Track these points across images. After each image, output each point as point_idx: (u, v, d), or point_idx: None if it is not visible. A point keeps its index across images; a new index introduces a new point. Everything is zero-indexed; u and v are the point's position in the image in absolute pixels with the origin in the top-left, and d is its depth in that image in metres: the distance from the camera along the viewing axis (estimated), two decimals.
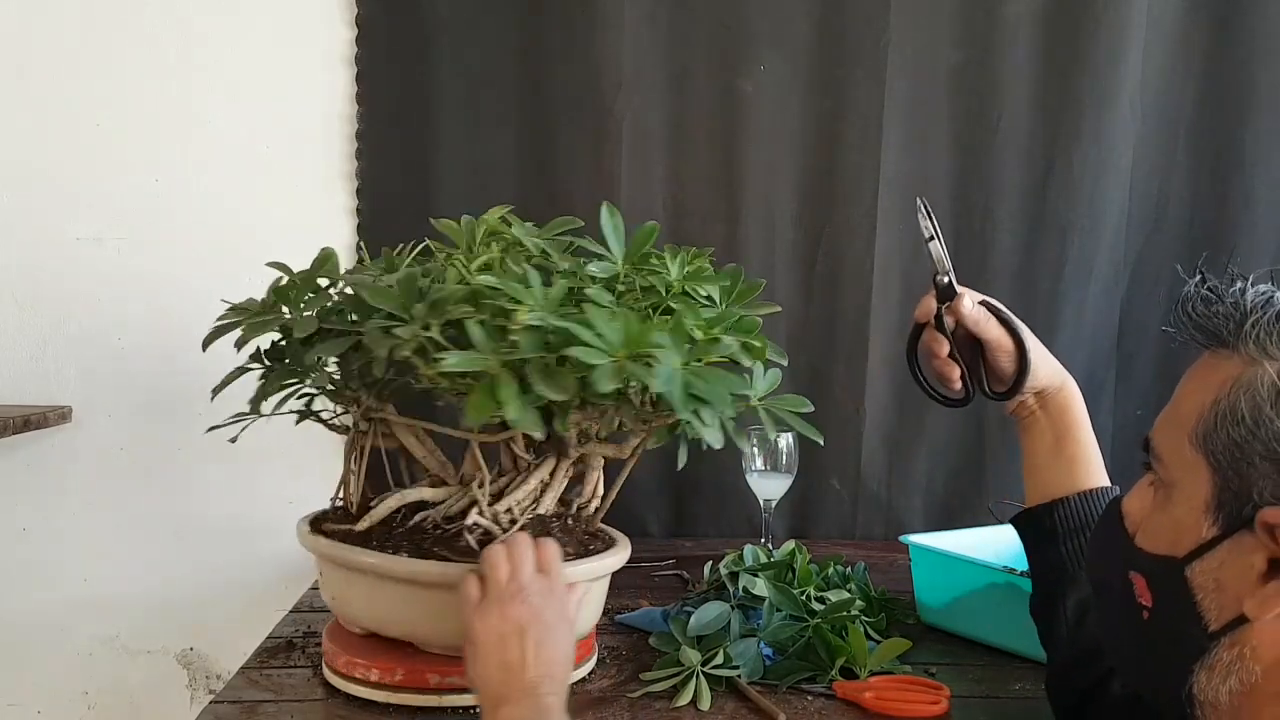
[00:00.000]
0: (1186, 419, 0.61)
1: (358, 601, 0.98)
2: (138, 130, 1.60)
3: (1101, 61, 1.61)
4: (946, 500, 1.70)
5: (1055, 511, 0.93)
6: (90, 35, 1.59)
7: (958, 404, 1.00)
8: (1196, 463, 0.59)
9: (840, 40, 1.62)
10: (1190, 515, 0.59)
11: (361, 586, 0.96)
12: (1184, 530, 0.60)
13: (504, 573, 0.86)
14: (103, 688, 1.66)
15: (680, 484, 1.67)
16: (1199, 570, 0.59)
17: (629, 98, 1.60)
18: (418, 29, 1.59)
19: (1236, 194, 1.65)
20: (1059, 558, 0.92)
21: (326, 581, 1.01)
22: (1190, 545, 0.59)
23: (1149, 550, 0.62)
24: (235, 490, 1.59)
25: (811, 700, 0.99)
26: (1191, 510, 0.59)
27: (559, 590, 0.88)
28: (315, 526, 1.01)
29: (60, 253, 1.60)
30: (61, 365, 1.61)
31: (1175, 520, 0.60)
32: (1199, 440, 0.59)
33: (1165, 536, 0.61)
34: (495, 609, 0.84)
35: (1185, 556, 0.59)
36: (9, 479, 1.62)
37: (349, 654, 0.98)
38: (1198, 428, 0.59)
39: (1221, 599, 0.58)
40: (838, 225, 1.65)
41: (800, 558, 1.22)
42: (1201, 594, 0.58)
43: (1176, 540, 0.60)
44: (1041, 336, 1.75)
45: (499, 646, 0.82)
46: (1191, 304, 0.62)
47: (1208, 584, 0.58)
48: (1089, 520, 0.91)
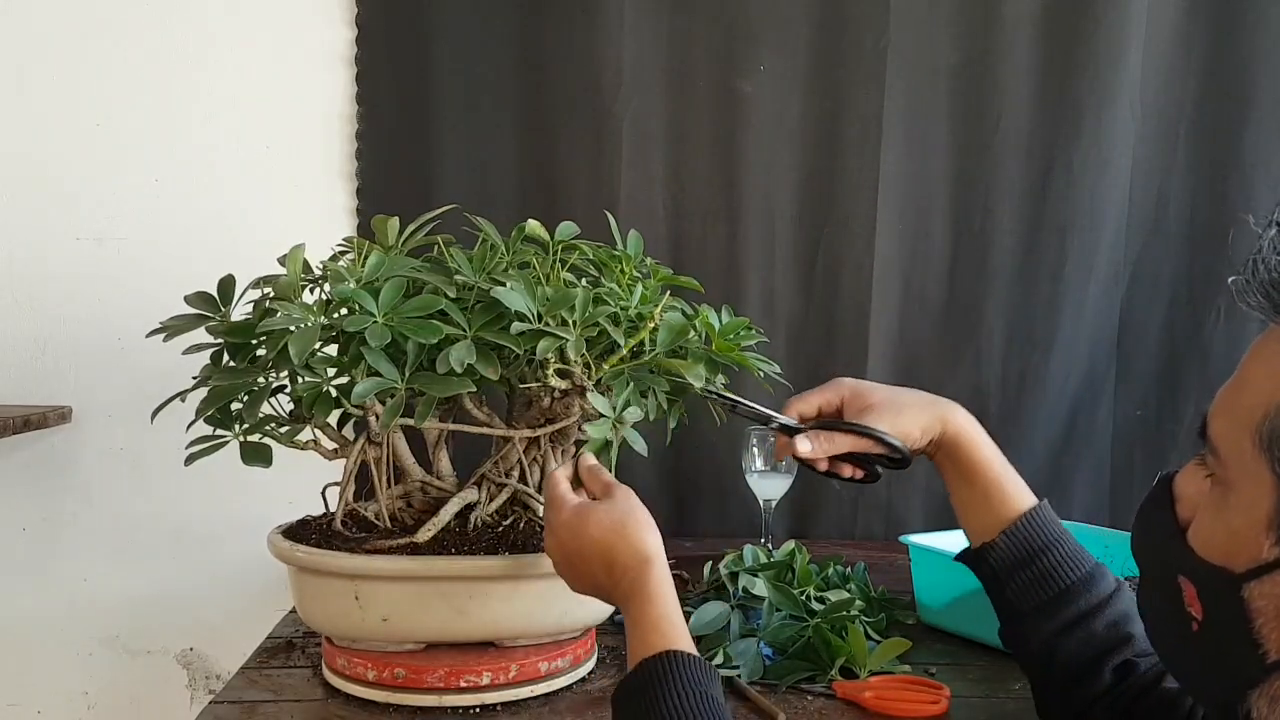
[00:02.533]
0: (1250, 410, 0.52)
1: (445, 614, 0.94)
2: (138, 130, 1.60)
3: (1101, 61, 1.61)
4: (946, 500, 1.67)
5: (988, 557, 0.87)
6: (90, 36, 1.59)
7: (872, 481, 0.97)
8: (1259, 467, 0.51)
9: (840, 40, 1.62)
10: (1249, 528, 0.52)
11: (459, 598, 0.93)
12: (1241, 543, 0.52)
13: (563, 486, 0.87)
14: (103, 688, 1.66)
15: (680, 484, 1.67)
16: (1258, 592, 0.51)
17: (629, 98, 1.60)
18: (418, 29, 1.59)
19: (1236, 194, 1.65)
20: (1006, 600, 0.87)
21: (377, 601, 0.94)
22: (1248, 562, 0.52)
23: (1200, 555, 0.55)
24: (235, 490, 1.59)
25: (811, 700, 0.99)
26: (1251, 523, 0.51)
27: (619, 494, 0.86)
28: (350, 546, 0.95)
29: (60, 253, 1.60)
30: (61, 365, 1.61)
31: (1231, 528, 0.53)
32: (1263, 441, 0.51)
33: (1219, 543, 0.54)
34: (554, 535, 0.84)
35: (1244, 573, 0.52)
36: (9, 479, 1.62)
37: (349, 654, 0.97)
38: (1263, 425, 0.51)
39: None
40: (837, 225, 1.65)
41: (800, 558, 1.22)
42: (1260, 619, 0.51)
43: (1233, 552, 0.53)
44: (1041, 337, 1.75)
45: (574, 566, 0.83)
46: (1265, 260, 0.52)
47: (1268, 609, 0.51)
48: (1023, 554, 0.85)
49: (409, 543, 0.95)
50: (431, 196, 1.58)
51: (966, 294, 1.67)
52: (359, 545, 0.95)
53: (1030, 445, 1.67)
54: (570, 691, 1.00)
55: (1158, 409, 1.69)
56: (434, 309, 0.89)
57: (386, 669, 0.95)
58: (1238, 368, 0.56)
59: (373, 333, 0.86)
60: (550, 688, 0.98)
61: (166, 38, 1.60)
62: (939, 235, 1.66)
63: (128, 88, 1.60)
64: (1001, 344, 1.67)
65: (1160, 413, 1.69)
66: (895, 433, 0.90)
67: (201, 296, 0.99)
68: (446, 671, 0.94)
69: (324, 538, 0.99)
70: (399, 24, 1.59)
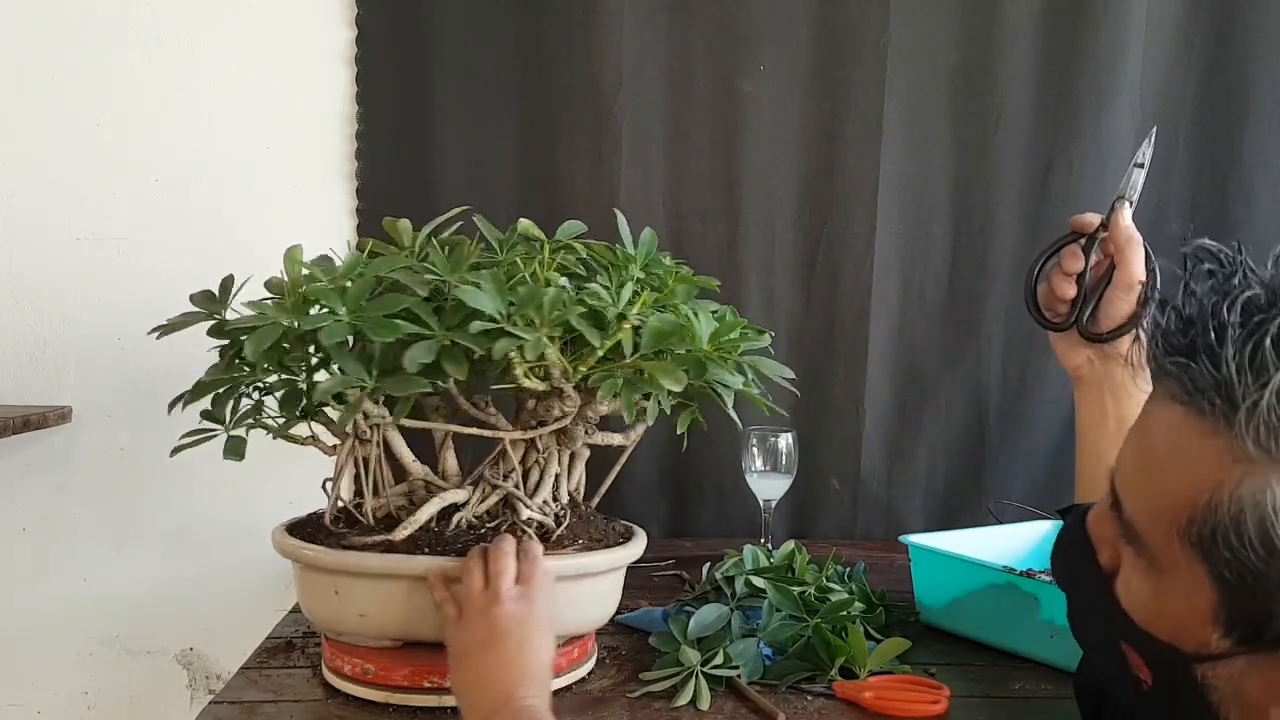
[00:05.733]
0: (1172, 506, 0.50)
1: (401, 611, 0.94)
2: (138, 130, 1.60)
3: (1101, 61, 1.61)
4: (946, 500, 1.70)
5: None
6: (90, 35, 1.59)
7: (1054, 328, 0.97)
8: (1192, 565, 0.50)
9: (840, 40, 1.62)
10: (1189, 615, 0.51)
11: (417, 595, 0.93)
12: (1185, 627, 0.51)
13: (478, 582, 0.86)
14: (103, 688, 1.66)
15: (680, 484, 1.67)
16: (1212, 674, 0.51)
17: (629, 98, 1.60)
18: (418, 29, 1.59)
19: (1236, 194, 1.65)
20: None
21: (355, 597, 0.94)
22: (1197, 647, 0.51)
23: (1141, 626, 0.53)
24: (235, 490, 1.59)
25: (811, 700, 0.99)
26: (1191, 611, 0.50)
27: (537, 594, 0.86)
28: (330, 542, 0.96)
29: (60, 253, 1.60)
30: (61, 365, 1.61)
31: (1170, 611, 0.52)
32: (1192, 543, 0.49)
33: (1162, 622, 0.52)
34: (472, 621, 0.83)
35: (1193, 655, 0.51)
36: (9, 479, 1.62)
37: (348, 654, 0.97)
38: (1189, 529, 0.49)
39: (1244, 704, 0.50)
40: (838, 225, 1.65)
41: (800, 558, 1.22)
42: (1217, 695, 0.51)
43: (1177, 634, 0.51)
44: (1041, 337, 1.74)
45: (477, 657, 0.82)
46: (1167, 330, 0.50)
47: (1226, 689, 0.51)
48: None
49: (384, 540, 0.95)
50: (431, 196, 1.58)
51: (966, 294, 1.66)
52: (336, 541, 0.96)
53: (1030, 445, 1.67)
54: (570, 692, 1.00)
55: None
56: (398, 308, 0.88)
57: (387, 669, 0.95)
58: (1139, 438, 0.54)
59: (329, 331, 0.86)
60: None
61: (166, 37, 1.60)
62: (939, 235, 1.66)
63: (128, 88, 1.60)
64: (1001, 344, 1.67)
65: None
66: None
67: (205, 295, 0.99)
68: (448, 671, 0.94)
69: (315, 532, 0.99)
70: (399, 24, 1.59)
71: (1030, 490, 1.63)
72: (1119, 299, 0.91)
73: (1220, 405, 0.47)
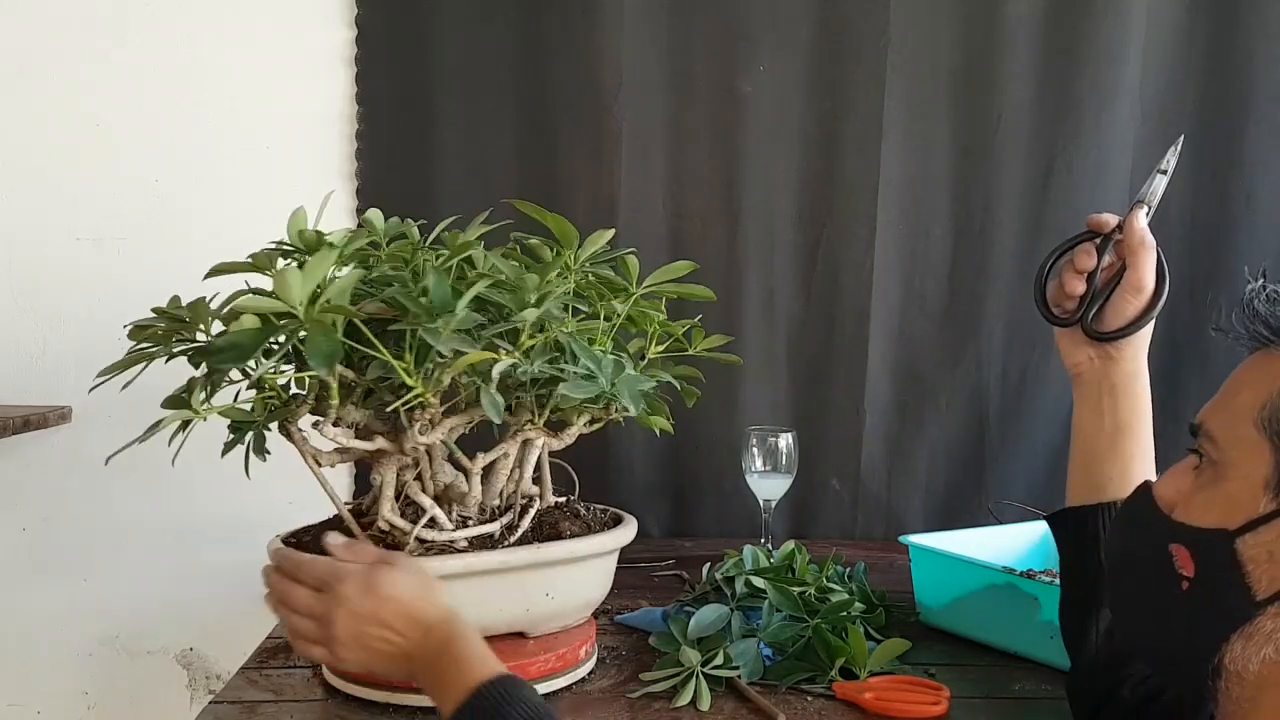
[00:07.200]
0: (1248, 406, 0.64)
1: None
2: (138, 130, 1.60)
3: (1101, 61, 1.61)
4: (946, 500, 1.70)
5: (1102, 516, 0.89)
6: (90, 35, 1.59)
7: (1059, 323, 0.98)
8: (1258, 443, 0.63)
9: (840, 40, 1.62)
10: (1246, 490, 0.63)
11: None
12: (1237, 505, 0.63)
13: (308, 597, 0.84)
14: (103, 688, 1.66)
15: (680, 484, 1.67)
16: (1251, 542, 0.62)
17: (629, 98, 1.60)
18: (418, 29, 1.59)
19: (1237, 194, 1.65)
20: (1098, 565, 0.86)
21: None
22: (1244, 518, 0.62)
23: (1193, 524, 0.65)
24: (235, 490, 1.58)
25: (811, 701, 0.99)
26: (1249, 486, 0.63)
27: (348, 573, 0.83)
28: None
29: (60, 253, 1.60)
30: (61, 365, 1.61)
31: (1228, 495, 0.64)
32: (1264, 423, 0.63)
33: (1215, 511, 0.64)
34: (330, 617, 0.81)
35: (1239, 529, 0.62)
36: (9, 479, 1.62)
37: None
38: (1263, 412, 0.63)
39: (1273, 570, 0.61)
40: (838, 225, 1.65)
41: (800, 558, 1.22)
42: (1252, 565, 0.61)
43: (1228, 514, 0.63)
44: (1041, 337, 1.76)
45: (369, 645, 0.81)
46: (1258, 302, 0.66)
47: (1260, 555, 0.61)
48: None
49: None
50: (431, 196, 1.58)
51: (966, 294, 1.66)
52: None
53: (1030, 445, 1.67)
54: (570, 692, 1.00)
55: (1158, 409, 1.68)
56: None
57: None
58: (1228, 382, 0.67)
59: None
60: (549, 688, 0.98)
61: (166, 38, 1.60)
62: (939, 235, 1.66)
63: (128, 88, 1.60)
64: (1001, 344, 1.67)
65: (1160, 413, 1.68)
66: None
67: None
68: None
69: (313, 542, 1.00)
70: (399, 24, 1.59)
71: (1030, 490, 1.63)
72: (1126, 300, 0.92)
73: None
